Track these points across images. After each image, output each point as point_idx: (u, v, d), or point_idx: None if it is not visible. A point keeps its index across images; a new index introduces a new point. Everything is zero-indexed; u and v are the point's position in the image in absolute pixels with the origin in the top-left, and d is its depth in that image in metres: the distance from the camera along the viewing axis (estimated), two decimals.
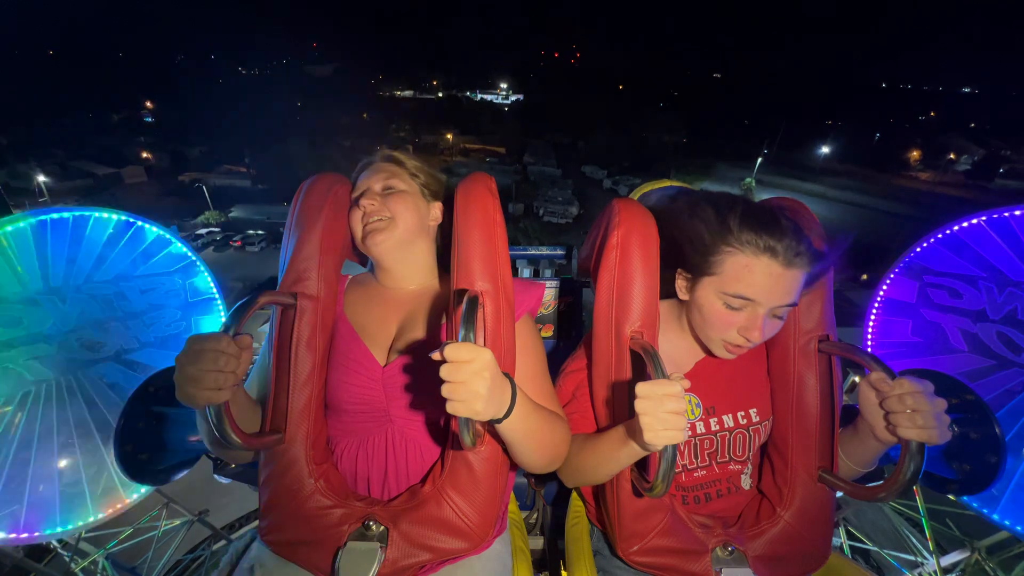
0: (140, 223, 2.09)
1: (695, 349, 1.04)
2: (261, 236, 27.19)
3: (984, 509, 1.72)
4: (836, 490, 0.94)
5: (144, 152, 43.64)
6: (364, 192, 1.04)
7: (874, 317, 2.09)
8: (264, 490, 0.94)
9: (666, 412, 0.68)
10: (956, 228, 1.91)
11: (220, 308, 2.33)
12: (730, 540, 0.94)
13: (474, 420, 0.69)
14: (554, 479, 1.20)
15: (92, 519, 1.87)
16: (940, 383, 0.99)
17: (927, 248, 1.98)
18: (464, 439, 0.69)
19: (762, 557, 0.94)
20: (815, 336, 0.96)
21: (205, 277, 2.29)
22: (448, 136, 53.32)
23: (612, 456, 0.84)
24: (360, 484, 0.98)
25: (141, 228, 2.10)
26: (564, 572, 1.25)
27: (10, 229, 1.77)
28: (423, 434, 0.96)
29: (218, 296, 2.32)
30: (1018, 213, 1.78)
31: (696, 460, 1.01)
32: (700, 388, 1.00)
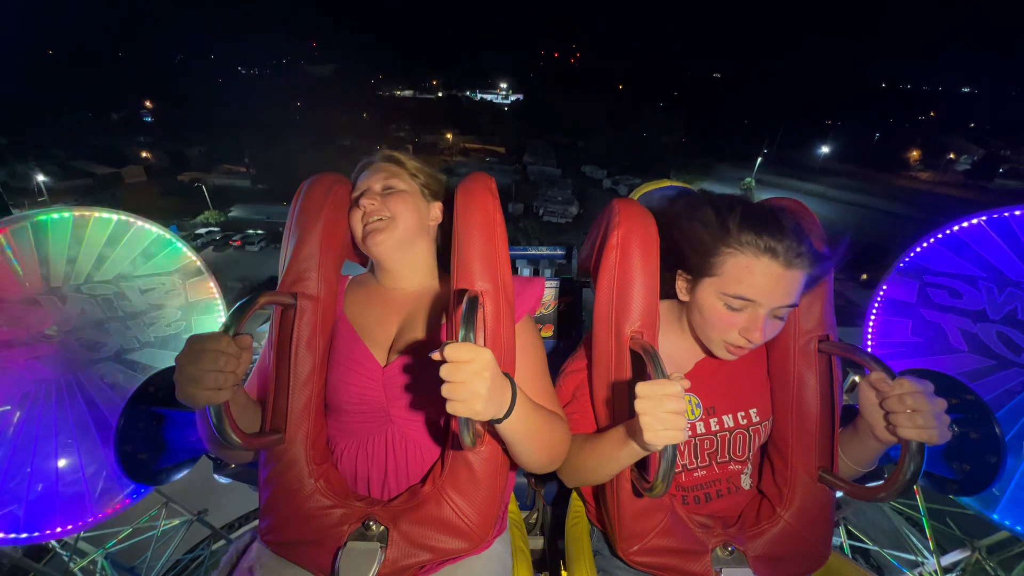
0: (140, 223, 2.09)
1: (695, 349, 1.04)
2: (260, 236, 27.19)
3: (984, 509, 1.72)
4: (836, 490, 0.94)
5: (144, 152, 43.63)
6: (364, 192, 1.04)
7: (874, 317, 2.09)
8: (264, 490, 0.94)
9: (666, 412, 0.68)
10: (956, 228, 1.91)
11: (220, 308, 2.33)
12: (730, 540, 0.94)
13: (474, 420, 0.69)
14: (554, 479, 1.20)
15: (92, 519, 1.87)
16: (940, 383, 0.99)
17: (927, 248, 1.97)
18: (464, 439, 0.69)
19: (762, 557, 0.94)
20: (815, 336, 0.96)
21: (205, 277, 2.29)
22: (448, 136, 53.34)
23: (612, 456, 0.84)
24: (360, 484, 0.98)
25: (141, 228, 2.10)
26: (564, 572, 1.25)
27: (10, 229, 1.77)
28: (423, 434, 0.96)
29: (218, 296, 2.32)
30: (1018, 213, 1.78)
31: (696, 460, 1.01)
32: (700, 388, 1.00)
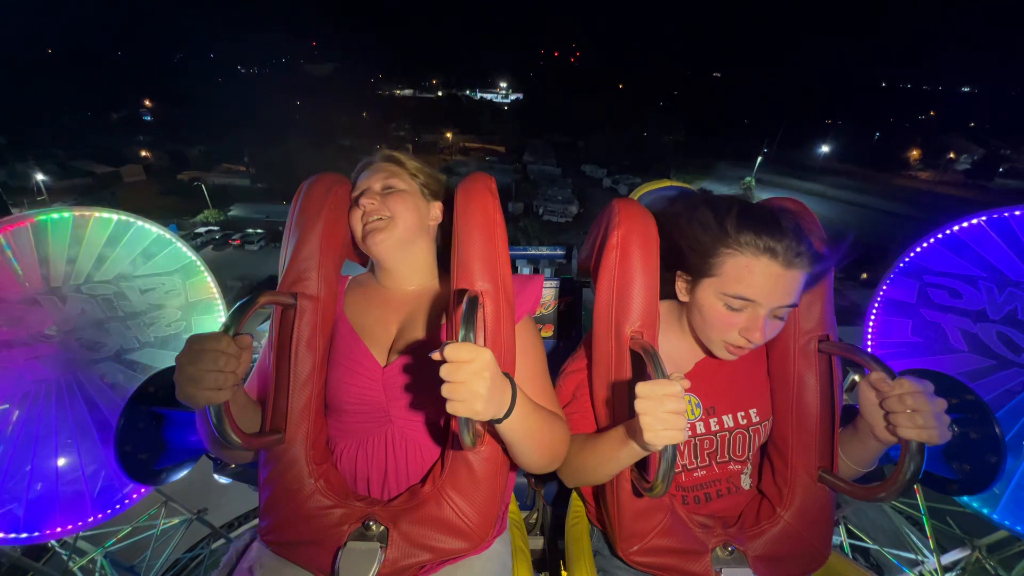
0: (140, 223, 2.09)
1: (695, 349, 1.04)
2: (260, 235, 27.17)
3: (984, 509, 1.72)
4: (836, 490, 0.94)
5: (143, 151, 43.59)
6: (364, 192, 1.04)
7: (874, 317, 2.08)
8: (264, 490, 0.94)
9: (666, 412, 0.68)
10: (956, 228, 1.90)
11: (220, 308, 2.32)
12: (730, 540, 0.94)
13: (474, 420, 0.69)
14: (554, 479, 1.20)
15: (91, 519, 1.87)
16: (940, 383, 0.99)
17: (927, 248, 1.97)
18: (464, 439, 0.69)
19: (762, 557, 0.94)
20: (815, 336, 0.96)
21: (205, 277, 2.28)
22: (448, 135, 53.31)
23: (612, 456, 0.84)
24: (360, 484, 0.98)
25: (141, 228, 2.09)
26: (564, 572, 1.25)
27: (10, 229, 1.77)
28: (423, 434, 0.96)
29: (218, 296, 2.32)
30: (1018, 213, 1.77)
31: (696, 460, 1.01)
32: (700, 388, 1.00)
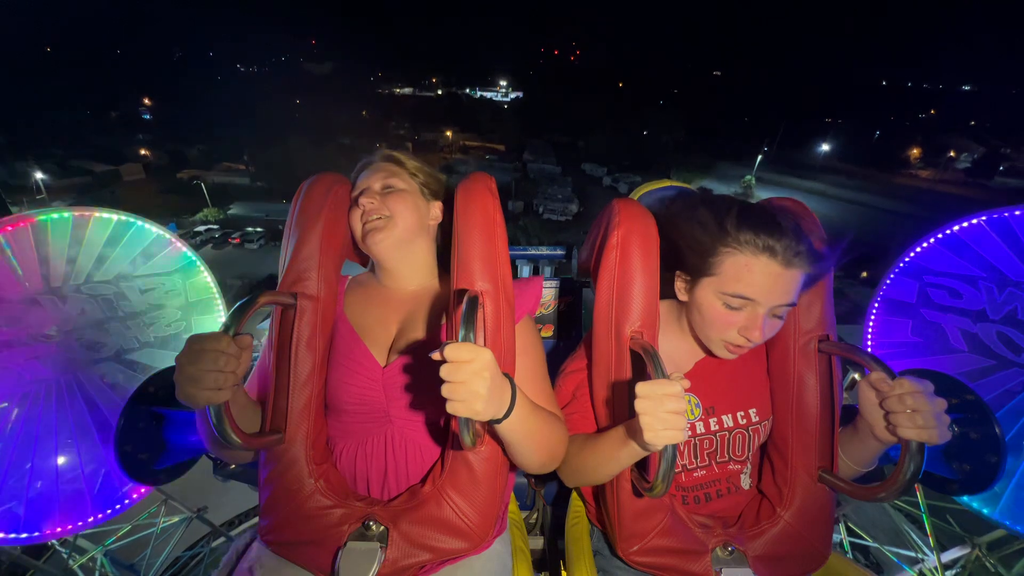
0: (140, 223, 2.09)
1: (695, 349, 1.04)
2: (260, 233, 27.13)
3: (984, 509, 1.72)
4: (836, 490, 0.94)
5: (142, 149, 43.56)
6: (363, 191, 1.04)
7: (874, 317, 2.08)
8: (264, 490, 0.94)
9: (666, 412, 0.68)
10: (956, 228, 1.90)
11: (220, 308, 2.32)
12: (730, 540, 0.94)
13: (474, 420, 0.69)
14: (554, 479, 1.21)
15: (92, 519, 1.87)
16: (940, 383, 0.99)
17: (927, 248, 1.97)
18: (464, 439, 0.69)
19: (762, 557, 0.94)
20: (815, 336, 0.96)
21: (205, 277, 2.28)
22: (448, 133, 53.26)
23: (612, 456, 0.84)
24: (360, 484, 0.98)
25: (141, 228, 2.09)
26: (564, 572, 1.25)
27: (10, 229, 1.77)
28: (423, 434, 0.96)
29: (218, 296, 2.32)
30: (1018, 213, 1.77)
31: (696, 460, 1.01)
32: (700, 388, 1.00)
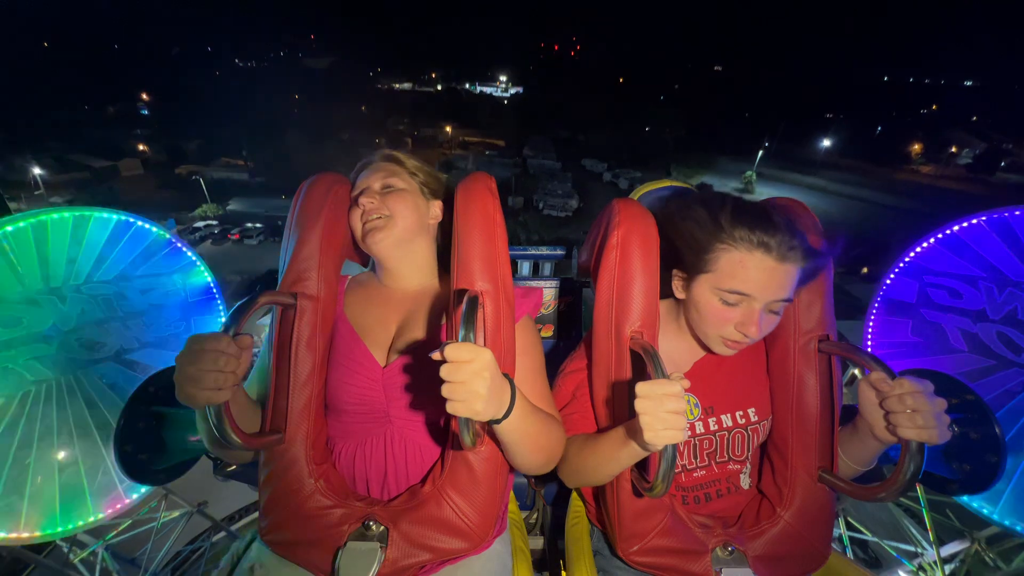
0: (140, 223, 2.09)
1: (693, 349, 1.04)
2: (259, 229, 27.10)
3: (984, 509, 1.73)
4: (836, 490, 0.94)
5: (141, 145, 43.43)
6: (363, 191, 1.03)
7: (874, 317, 2.08)
8: (264, 490, 0.94)
9: (666, 412, 0.68)
10: (956, 228, 1.89)
11: (220, 308, 2.32)
12: (730, 540, 0.94)
13: (474, 420, 0.69)
14: (554, 479, 1.21)
15: (92, 519, 1.88)
16: (940, 383, 0.98)
17: (927, 248, 1.96)
18: (464, 439, 0.70)
19: (762, 557, 0.94)
20: (815, 336, 0.96)
21: (205, 277, 2.28)
22: (447, 129, 53.14)
23: (612, 456, 0.84)
24: (359, 484, 0.98)
25: (141, 228, 2.09)
26: (564, 572, 1.26)
27: (10, 229, 1.77)
28: (423, 434, 0.96)
29: (218, 296, 2.32)
30: (1018, 213, 1.77)
31: (695, 460, 1.02)
32: (699, 388, 1.00)
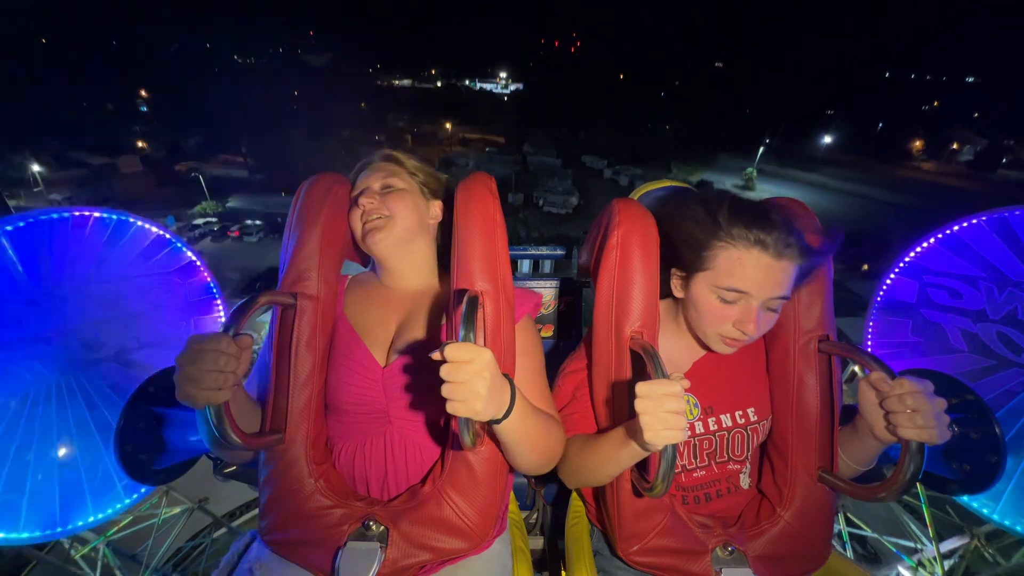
0: (140, 223, 2.09)
1: (693, 349, 1.04)
2: (259, 226, 27.03)
3: (984, 509, 1.73)
4: (836, 490, 0.94)
5: (139, 141, 43.24)
6: (363, 191, 1.04)
7: (874, 317, 2.08)
8: (264, 490, 0.94)
9: (666, 412, 0.68)
10: (956, 228, 1.90)
11: (220, 308, 2.32)
12: (730, 540, 0.94)
13: (474, 420, 0.69)
14: (554, 479, 1.21)
15: (92, 519, 1.89)
16: (940, 383, 0.99)
17: (927, 248, 1.97)
18: (464, 439, 0.70)
19: (762, 557, 0.94)
20: (815, 336, 0.96)
21: (205, 277, 2.28)
22: (447, 126, 52.96)
23: (612, 456, 0.84)
24: (359, 484, 0.98)
25: (141, 228, 2.09)
26: (564, 572, 1.26)
27: (11, 229, 1.77)
28: (423, 435, 0.96)
29: (217, 296, 2.32)
30: (1018, 213, 1.78)
31: (695, 460, 1.02)
32: (698, 388, 1.00)
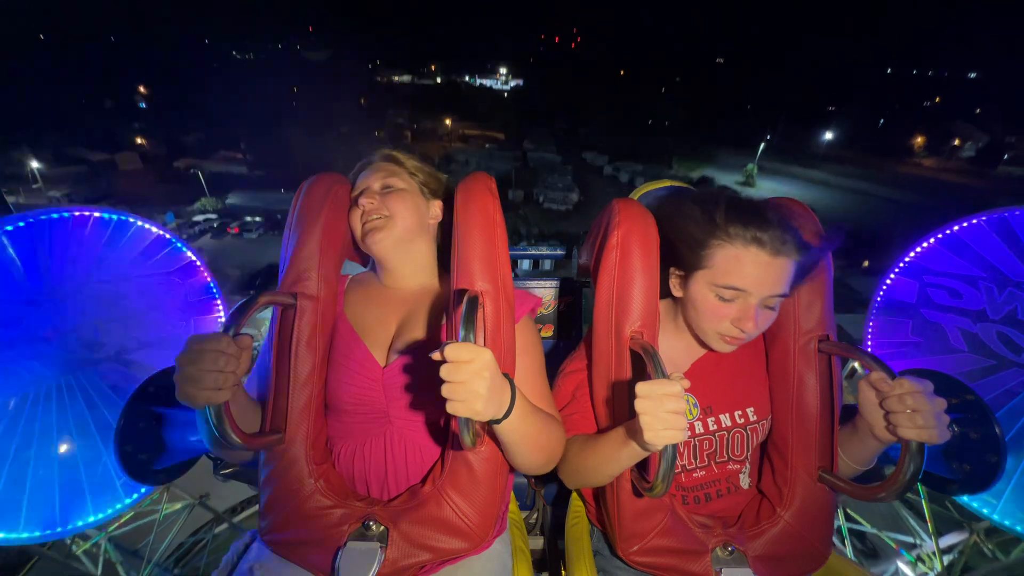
0: (140, 223, 2.09)
1: (692, 348, 1.04)
2: (258, 223, 27.01)
3: (984, 509, 1.74)
4: (836, 490, 0.94)
5: (138, 138, 43.11)
6: (363, 191, 1.04)
7: (874, 317, 2.08)
8: (264, 490, 0.94)
9: (666, 412, 0.68)
10: (956, 228, 1.90)
11: (220, 308, 2.32)
12: (730, 540, 0.94)
13: (474, 420, 0.69)
14: (554, 479, 1.21)
15: (92, 519, 1.90)
16: (940, 383, 0.99)
17: (927, 248, 1.97)
18: (464, 439, 0.70)
19: (762, 557, 0.94)
20: (815, 336, 0.96)
21: (204, 276, 2.28)
22: (447, 122, 52.78)
23: (613, 457, 0.85)
24: (359, 484, 0.98)
25: (141, 228, 2.09)
26: (564, 572, 1.26)
27: (11, 229, 1.76)
28: (423, 435, 0.96)
29: (217, 295, 2.32)
30: (1018, 213, 1.77)
31: (695, 461, 1.02)
32: (697, 388, 1.00)
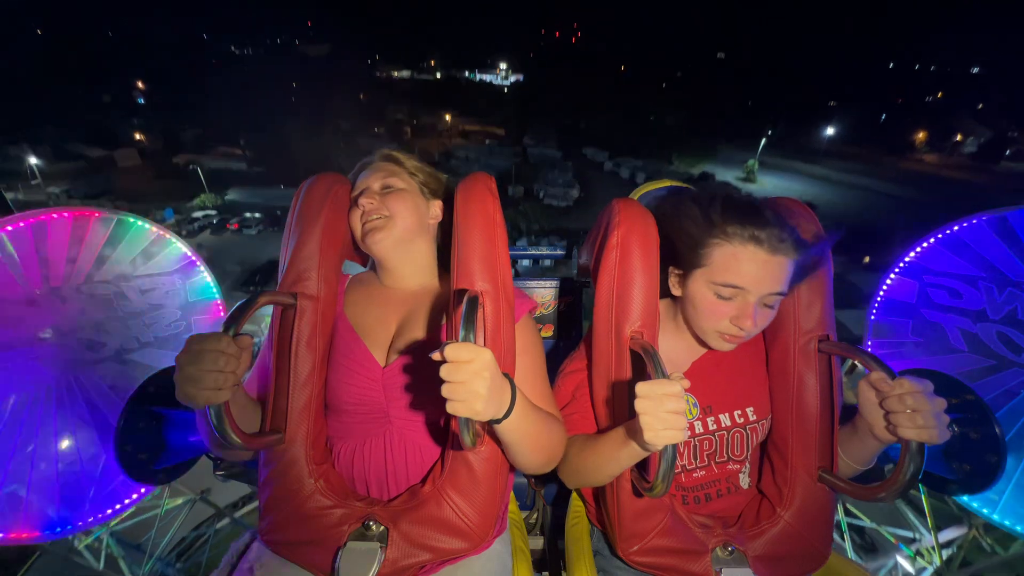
0: (140, 222, 2.09)
1: (692, 348, 1.05)
2: (258, 219, 26.95)
3: (984, 509, 1.74)
4: (836, 490, 0.95)
5: (137, 134, 42.99)
6: (363, 191, 1.04)
7: (874, 317, 2.08)
8: (264, 490, 0.94)
9: (666, 412, 0.68)
10: (956, 228, 1.89)
11: (220, 308, 2.32)
12: (730, 540, 0.95)
13: (474, 420, 0.69)
14: (554, 479, 1.21)
15: (92, 519, 1.90)
16: (940, 383, 0.99)
17: (927, 248, 1.96)
18: (464, 439, 0.70)
19: (762, 557, 0.94)
20: (815, 336, 0.97)
21: (204, 276, 2.28)
22: (447, 117, 52.55)
23: (613, 456, 0.85)
24: (359, 484, 0.99)
25: (141, 228, 2.10)
26: (564, 572, 1.27)
27: (11, 228, 1.76)
28: (423, 435, 0.97)
29: (217, 295, 2.32)
30: (1018, 213, 1.77)
31: (695, 461, 1.02)
32: (697, 387, 1.00)
